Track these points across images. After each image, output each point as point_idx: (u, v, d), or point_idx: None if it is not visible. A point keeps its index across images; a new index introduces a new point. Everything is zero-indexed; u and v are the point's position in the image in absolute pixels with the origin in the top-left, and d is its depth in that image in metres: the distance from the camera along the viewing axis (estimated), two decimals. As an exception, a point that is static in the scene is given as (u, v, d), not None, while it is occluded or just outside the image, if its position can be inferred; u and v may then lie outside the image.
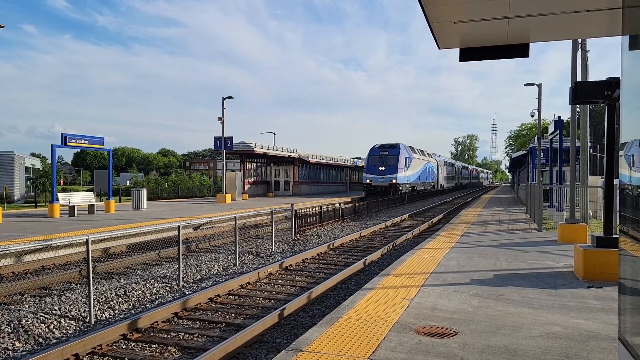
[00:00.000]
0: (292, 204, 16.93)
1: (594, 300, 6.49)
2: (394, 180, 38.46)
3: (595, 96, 8.00)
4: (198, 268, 10.65)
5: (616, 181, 8.13)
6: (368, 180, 39.56)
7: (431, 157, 55.35)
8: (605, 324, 5.41)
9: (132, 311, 7.68)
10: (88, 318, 7.07)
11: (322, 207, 20.49)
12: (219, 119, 31.69)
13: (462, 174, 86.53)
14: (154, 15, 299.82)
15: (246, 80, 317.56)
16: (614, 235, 7.83)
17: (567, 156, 22.07)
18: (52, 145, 20.59)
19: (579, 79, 13.85)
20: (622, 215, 2.73)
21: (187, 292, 8.81)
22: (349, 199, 34.15)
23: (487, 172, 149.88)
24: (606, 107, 7.86)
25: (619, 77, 7.02)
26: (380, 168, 39.41)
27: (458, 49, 5.05)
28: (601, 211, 15.75)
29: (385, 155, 40.07)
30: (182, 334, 6.49)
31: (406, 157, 40.96)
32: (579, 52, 14.05)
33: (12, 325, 6.54)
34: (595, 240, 7.93)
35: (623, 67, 2.52)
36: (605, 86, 7.67)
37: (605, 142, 8.00)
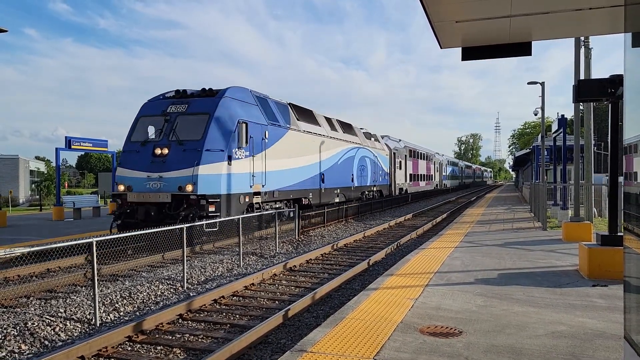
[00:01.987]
0: (296, 205, 16.94)
1: (599, 299, 6.46)
2: (190, 187, 13.33)
3: (599, 94, 7.98)
4: (202, 270, 10.67)
5: (620, 179, 8.10)
6: (122, 187, 14.16)
7: (377, 140, 31.36)
8: (610, 322, 5.39)
9: (137, 313, 7.70)
10: (93, 320, 7.09)
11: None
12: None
13: (449, 173, 64.70)
14: (154, 17, 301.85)
15: (247, 81, 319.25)
16: (618, 233, 7.80)
17: (571, 154, 22.02)
18: (56, 148, 20.70)
19: (582, 77, 13.81)
20: (627, 213, 2.72)
21: (191, 294, 8.82)
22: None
23: (489, 171, 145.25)
24: (610, 105, 7.83)
25: (622, 75, 6.99)
26: (158, 152, 13.96)
27: (460, 48, 5.05)
28: (606, 209, 15.69)
29: (182, 115, 14.63)
30: (187, 335, 6.50)
31: (241, 123, 14.74)
32: (582, 50, 14.01)
33: (18, 328, 6.56)
34: (600, 239, 7.90)
35: (626, 64, 2.51)
36: (608, 84, 7.65)
37: (609, 140, 7.97)
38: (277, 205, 17.29)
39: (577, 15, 4.23)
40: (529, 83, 25.75)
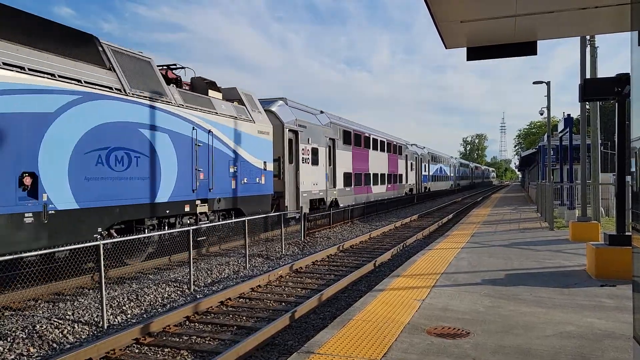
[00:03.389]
0: (302, 207, 16.95)
1: (608, 299, 6.42)
2: None
3: (605, 93, 7.94)
4: (209, 272, 10.69)
5: (628, 178, 8.04)
6: None
7: (237, 101, 14.77)
8: (619, 322, 5.35)
9: (144, 315, 7.72)
10: (101, 323, 7.12)
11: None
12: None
13: (434, 173, 48.72)
14: (158, 21, 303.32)
15: (250, 82, 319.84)
16: (627, 233, 7.74)
17: (578, 154, 21.90)
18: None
19: (588, 76, 13.74)
20: (635, 213, 2.71)
21: (198, 296, 8.84)
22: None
23: (490, 170, 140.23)
24: (616, 104, 7.79)
25: (628, 73, 6.95)
26: None
27: (465, 48, 5.04)
28: (613, 209, 15.58)
29: None
30: (194, 337, 6.52)
31: None
32: (588, 49, 13.95)
33: (26, 330, 6.60)
34: (608, 238, 7.85)
35: (633, 62, 2.50)
36: (614, 82, 7.61)
37: (616, 139, 7.92)
38: None
39: (583, 14, 4.21)
40: (534, 83, 25.62)
